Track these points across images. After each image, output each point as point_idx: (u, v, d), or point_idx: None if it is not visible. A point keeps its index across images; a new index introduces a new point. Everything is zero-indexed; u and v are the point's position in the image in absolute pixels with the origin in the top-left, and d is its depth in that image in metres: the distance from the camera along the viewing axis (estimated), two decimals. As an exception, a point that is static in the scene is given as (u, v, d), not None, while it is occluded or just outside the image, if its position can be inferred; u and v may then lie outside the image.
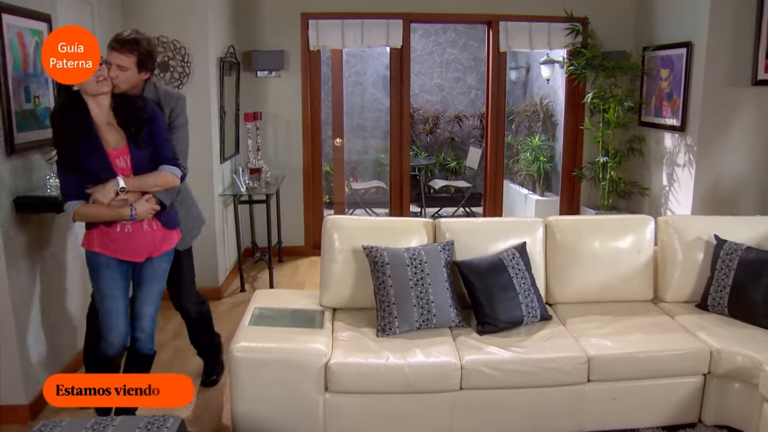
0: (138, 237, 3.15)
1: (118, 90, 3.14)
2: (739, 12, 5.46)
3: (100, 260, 3.15)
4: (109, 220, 3.08)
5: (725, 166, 5.70)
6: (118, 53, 3.15)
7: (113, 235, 3.11)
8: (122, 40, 3.18)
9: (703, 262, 3.93)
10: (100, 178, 3.02)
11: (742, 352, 3.34)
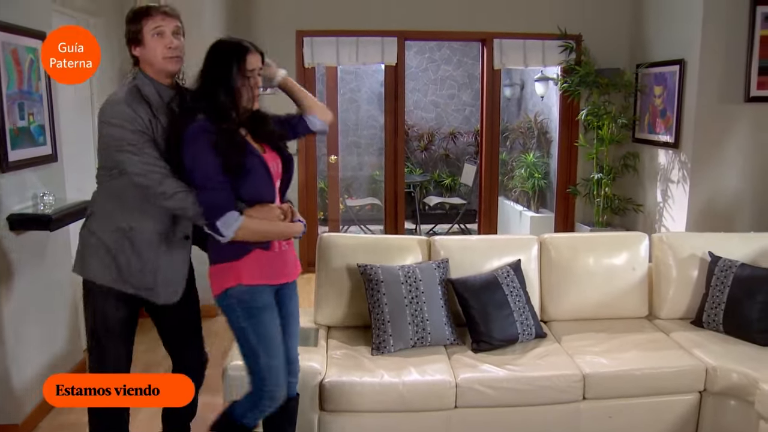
0: (289, 254, 2.73)
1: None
2: (731, 29, 5.50)
3: (261, 297, 2.60)
4: (282, 237, 2.64)
5: (719, 182, 5.72)
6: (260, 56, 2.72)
7: (270, 256, 2.62)
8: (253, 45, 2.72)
9: (697, 279, 3.94)
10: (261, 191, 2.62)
11: (738, 369, 3.33)
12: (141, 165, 2.53)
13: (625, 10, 6.74)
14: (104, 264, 2.70)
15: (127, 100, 2.58)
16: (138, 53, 2.64)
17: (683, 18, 5.80)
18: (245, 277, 2.56)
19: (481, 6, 6.63)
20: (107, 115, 2.59)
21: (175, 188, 2.53)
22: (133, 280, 2.72)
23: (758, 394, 3.16)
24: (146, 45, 2.60)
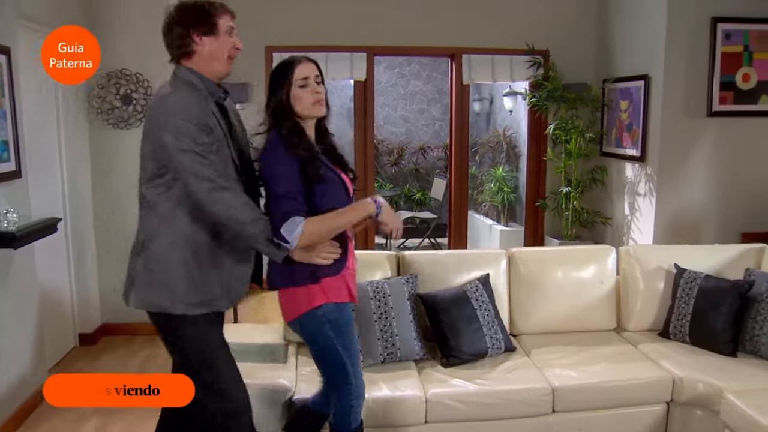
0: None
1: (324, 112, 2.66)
2: (693, 46, 5.61)
3: (347, 313, 2.67)
4: (353, 221, 2.57)
5: (685, 195, 5.81)
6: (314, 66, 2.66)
7: (345, 277, 2.66)
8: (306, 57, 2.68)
9: (664, 291, 3.99)
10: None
11: (704, 379, 3.38)
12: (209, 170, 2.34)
13: (591, 26, 6.84)
14: (187, 288, 2.45)
15: (191, 94, 2.40)
16: (202, 45, 2.43)
17: (647, 34, 5.90)
18: (333, 295, 2.59)
19: (450, 22, 6.68)
20: (170, 107, 2.35)
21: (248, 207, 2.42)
22: (214, 294, 2.51)
23: (723, 404, 3.20)
24: (219, 38, 2.46)
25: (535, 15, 6.76)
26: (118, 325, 5.33)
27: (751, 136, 5.77)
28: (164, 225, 2.44)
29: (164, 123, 2.34)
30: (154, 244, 2.45)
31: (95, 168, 5.22)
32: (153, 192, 2.44)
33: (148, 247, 2.45)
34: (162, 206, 2.44)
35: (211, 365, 2.56)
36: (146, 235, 2.47)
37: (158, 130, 2.35)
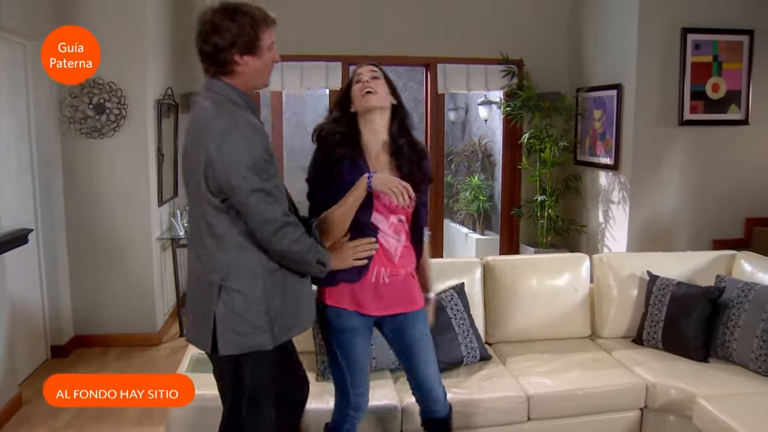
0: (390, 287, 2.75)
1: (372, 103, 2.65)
2: (665, 56, 5.69)
3: (351, 321, 2.73)
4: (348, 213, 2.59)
5: (657, 203, 5.87)
6: (374, 67, 2.72)
7: (359, 287, 2.69)
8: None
9: (637, 298, 4.03)
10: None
11: (676, 385, 3.41)
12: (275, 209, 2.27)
13: (565, 36, 6.91)
14: (271, 320, 2.35)
15: (251, 126, 2.25)
16: (245, 64, 2.30)
17: (619, 44, 5.97)
18: (333, 300, 2.66)
19: (425, 31, 6.71)
20: (235, 147, 2.18)
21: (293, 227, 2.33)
22: (291, 321, 2.43)
23: (696, 409, 3.23)
24: (261, 56, 2.34)
25: (509, 25, 6.82)
26: (91, 336, 5.28)
27: (721, 145, 5.86)
28: (239, 259, 2.30)
29: (231, 164, 2.18)
30: (233, 282, 2.30)
31: (67, 178, 5.16)
32: (221, 224, 2.29)
33: (227, 287, 2.30)
34: (232, 240, 2.29)
35: (276, 390, 2.51)
36: (222, 274, 2.30)
37: (225, 169, 2.18)
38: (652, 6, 5.64)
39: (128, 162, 5.24)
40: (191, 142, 2.32)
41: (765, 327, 3.50)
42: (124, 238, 5.28)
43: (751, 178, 5.96)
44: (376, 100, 2.64)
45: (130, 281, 5.33)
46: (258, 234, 2.26)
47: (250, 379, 2.42)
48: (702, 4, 5.70)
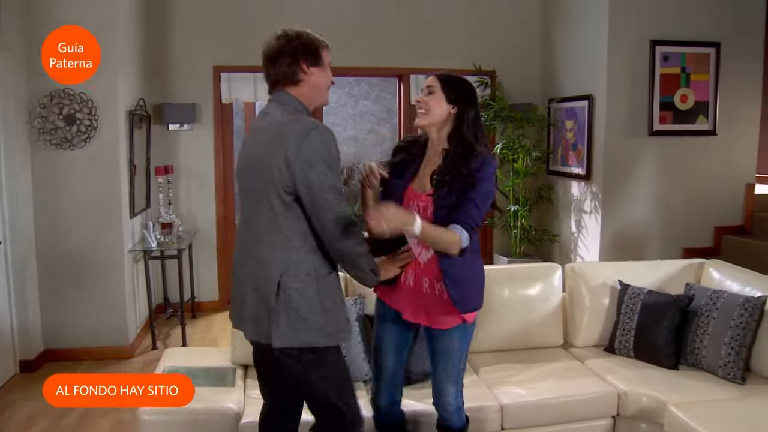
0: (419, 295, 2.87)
1: (423, 122, 2.79)
2: (634, 68, 5.78)
3: (379, 307, 2.97)
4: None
5: (629, 212, 5.94)
6: (433, 78, 2.83)
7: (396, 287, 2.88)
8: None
9: (609, 307, 4.06)
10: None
11: (648, 393, 3.44)
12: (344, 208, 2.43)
13: (537, 48, 6.99)
14: (326, 320, 2.47)
15: (327, 129, 2.44)
16: (310, 75, 2.51)
17: (590, 56, 6.05)
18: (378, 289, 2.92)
19: (398, 43, 6.75)
20: (316, 144, 2.35)
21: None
22: (344, 323, 2.56)
23: (667, 416, 3.26)
24: (324, 71, 2.56)
25: (481, 36, 6.88)
26: (61, 350, 5.20)
27: (690, 155, 5.96)
28: (298, 258, 2.42)
29: (310, 161, 2.33)
30: (291, 280, 2.42)
31: (37, 190, 5.09)
32: (286, 222, 2.42)
33: (285, 284, 2.41)
34: (295, 240, 2.42)
35: (345, 393, 2.59)
36: (282, 270, 2.41)
37: (304, 167, 2.33)
38: (621, 19, 5.73)
39: (99, 173, 5.19)
40: (264, 146, 2.43)
41: (733, 334, 3.54)
42: (95, 250, 5.22)
43: (720, 187, 6.06)
44: (422, 119, 2.77)
45: (101, 294, 5.26)
46: (326, 231, 2.39)
47: (330, 378, 2.53)
48: (670, 17, 5.80)
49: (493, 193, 2.77)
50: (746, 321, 3.54)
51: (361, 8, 6.70)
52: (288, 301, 2.40)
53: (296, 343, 2.42)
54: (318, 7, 6.59)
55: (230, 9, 6.48)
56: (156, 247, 5.64)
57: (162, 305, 6.41)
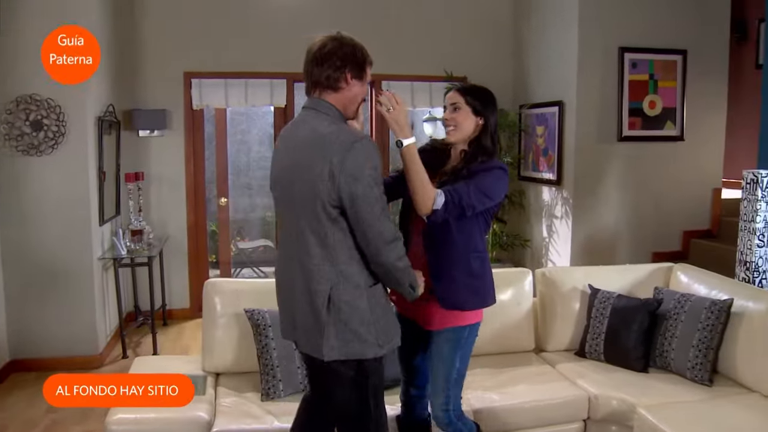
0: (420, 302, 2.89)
1: (452, 139, 2.85)
2: (604, 74, 5.85)
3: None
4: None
5: (599, 217, 6.00)
6: (455, 93, 2.87)
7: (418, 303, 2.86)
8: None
9: (579, 311, 4.09)
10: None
11: (617, 396, 3.48)
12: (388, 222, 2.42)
13: (508, 54, 7.04)
14: (376, 331, 2.47)
15: (370, 139, 2.45)
16: (351, 86, 2.49)
17: (560, 62, 6.11)
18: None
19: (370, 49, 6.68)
20: (361, 156, 2.33)
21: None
22: (393, 332, 2.57)
23: (636, 419, 3.30)
24: (363, 86, 2.55)
25: (453, 43, 6.91)
26: (28, 360, 5.11)
27: (659, 160, 6.04)
28: (346, 271, 2.41)
29: (356, 174, 2.31)
30: (341, 293, 2.41)
31: (3, 197, 5.01)
32: (334, 235, 2.40)
33: (335, 297, 2.40)
34: (343, 253, 2.41)
35: (379, 401, 2.61)
36: (332, 283, 2.40)
37: (349, 180, 2.31)
38: (591, 26, 5.80)
39: (67, 180, 5.12)
40: (306, 157, 2.39)
41: (700, 337, 3.59)
42: (64, 258, 5.15)
43: (688, 192, 6.15)
44: (452, 136, 2.83)
45: (69, 302, 5.19)
46: (370, 245, 2.38)
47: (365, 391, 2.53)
48: (638, 25, 5.88)
49: (495, 190, 2.76)
50: (713, 323, 3.59)
51: (332, 15, 6.69)
52: (338, 313, 2.40)
53: (346, 355, 2.43)
54: (289, 14, 6.59)
55: (201, 15, 6.44)
56: (126, 254, 5.58)
57: (132, 313, 6.35)
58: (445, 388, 2.88)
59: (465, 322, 2.83)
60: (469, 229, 2.78)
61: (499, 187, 2.78)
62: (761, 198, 4.39)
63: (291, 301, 2.55)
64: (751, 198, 4.44)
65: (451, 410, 2.90)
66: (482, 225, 2.84)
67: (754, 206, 4.42)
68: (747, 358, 3.54)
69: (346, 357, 2.43)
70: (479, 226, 2.82)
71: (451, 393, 2.89)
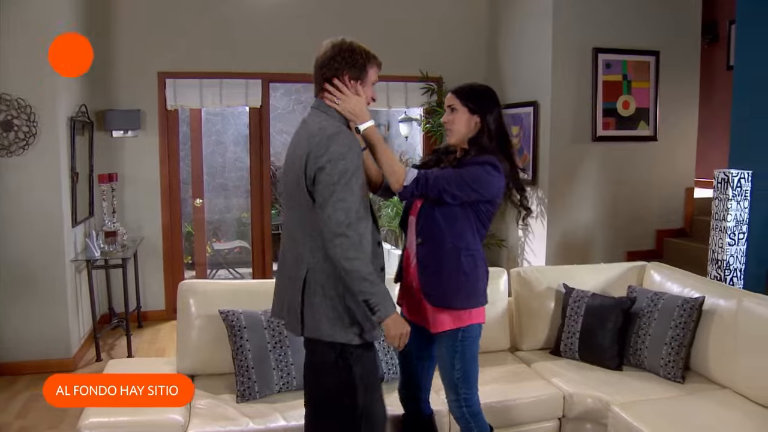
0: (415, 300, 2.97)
1: (452, 141, 2.90)
2: (579, 75, 5.89)
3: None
4: None
5: (574, 216, 6.04)
6: (451, 95, 2.92)
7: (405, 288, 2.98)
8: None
9: (554, 310, 4.12)
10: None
11: (592, 394, 3.50)
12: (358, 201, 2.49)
13: (483, 54, 7.06)
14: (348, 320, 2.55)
15: (353, 135, 2.56)
16: (350, 88, 2.60)
17: (535, 63, 6.14)
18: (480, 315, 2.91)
19: (345, 49, 6.74)
20: (341, 145, 2.44)
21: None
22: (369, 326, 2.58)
23: (610, 417, 3.33)
24: (365, 87, 2.62)
25: (428, 43, 6.92)
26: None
27: (633, 160, 6.10)
28: (324, 258, 2.50)
29: (325, 159, 2.42)
30: (317, 277, 2.52)
31: (-28, 198, 4.94)
32: (313, 222, 2.50)
33: (312, 279, 2.53)
34: (319, 239, 2.48)
35: (371, 395, 2.65)
36: (308, 267, 2.54)
37: (316, 167, 2.43)
38: (564, 27, 5.84)
39: (39, 181, 5.05)
40: (295, 149, 2.58)
41: (673, 334, 3.63)
42: (35, 260, 5.08)
43: (661, 191, 6.22)
44: (451, 138, 2.88)
45: (41, 305, 5.12)
46: (322, 232, 2.44)
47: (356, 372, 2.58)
48: (612, 26, 5.94)
49: (481, 182, 2.74)
50: (685, 321, 3.63)
51: (307, 15, 6.68)
52: (312, 296, 2.52)
53: (319, 335, 2.54)
54: (263, 14, 6.56)
55: (175, 14, 6.39)
56: (100, 256, 5.52)
57: (107, 315, 6.28)
58: (453, 388, 2.91)
59: (460, 324, 2.82)
60: (460, 227, 2.79)
61: (486, 181, 2.75)
62: (732, 197, 4.45)
63: (281, 281, 2.69)
64: (723, 197, 4.50)
65: (464, 407, 2.92)
66: (474, 223, 2.82)
67: (725, 205, 4.48)
68: (718, 356, 3.59)
69: (319, 337, 2.54)
70: (471, 223, 2.81)
71: (462, 392, 2.90)
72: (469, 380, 2.91)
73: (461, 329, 2.83)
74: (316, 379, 2.70)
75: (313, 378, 2.72)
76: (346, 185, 2.41)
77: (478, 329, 2.90)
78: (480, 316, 2.88)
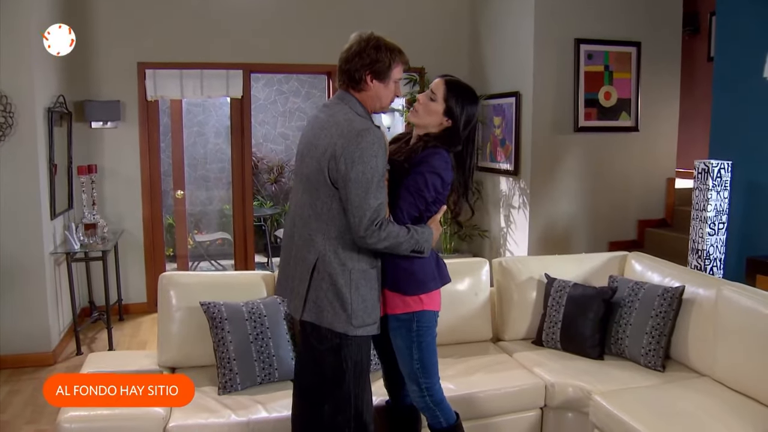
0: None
1: (413, 119, 2.89)
2: (560, 66, 5.90)
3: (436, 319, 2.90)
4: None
5: (556, 207, 6.06)
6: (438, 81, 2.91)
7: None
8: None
9: (536, 300, 4.13)
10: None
11: (573, 383, 3.52)
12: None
13: (465, 45, 7.06)
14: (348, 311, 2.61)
15: (378, 130, 2.58)
16: (371, 87, 2.65)
17: (517, 53, 6.15)
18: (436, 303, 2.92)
19: (325, 40, 6.68)
20: (373, 139, 2.50)
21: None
22: (367, 320, 2.65)
23: (591, 405, 3.34)
24: (387, 86, 2.68)
25: (410, 34, 6.87)
26: (-23, 358, 4.99)
27: (614, 150, 6.13)
28: (336, 246, 2.59)
29: (356, 158, 2.48)
30: (327, 265, 2.59)
31: (-51, 191, 4.87)
32: (330, 211, 2.59)
33: (322, 267, 2.59)
34: (334, 228, 2.59)
35: (361, 381, 2.74)
36: (319, 254, 2.60)
37: (348, 163, 2.48)
38: (546, 17, 5.84)
39: (16, 173, 4.99)
40: (318, 137, 2.61)
41: (653, 323, 3.65)
42: (13, 253, 5.02)
43: (642, 182, 6.25)
44: (413, 117, 2.88)
45: (20, 298, 5.06)
46: (353, 228, 2.53)
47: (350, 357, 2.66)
48: (593, 17, 5.95)
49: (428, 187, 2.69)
50: (665, 310, 3.65)
51: (289, 4, 6.64)
52: (320, 281, 2.58)
53: (319, 321, 2.61)
54: (244, 4, 6.51)
55: (155, 4, 6.32)
56: (79, 248, 5.47)
57: (87, 309, 6.23)
58: (413, 378, 2.87)
59: (408, 309, 2.77)
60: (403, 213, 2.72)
61: (433, 182, 2.70)
62: (712, 187, 4.48)
63: (287, 261, 2.75)
64: (703, 187, 4.53)
65: (427, 396, 2.90)
66: (421, 206, 2.72)
67: (705, 195, 4.51)
68: (698, 344, 3.62)
69: (319, 323, 2.61)
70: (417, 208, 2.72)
71: (422, 381, 2.87)
72: (428, 369, 2.87)
73: (415, 319, 2.79)
74: (310, 363, 2.74)
75: (307, 362, 2.77)
76: (378, 183, 2.51)
77: (433, 317, 2.86)
78: (433, 303, 2.84)
